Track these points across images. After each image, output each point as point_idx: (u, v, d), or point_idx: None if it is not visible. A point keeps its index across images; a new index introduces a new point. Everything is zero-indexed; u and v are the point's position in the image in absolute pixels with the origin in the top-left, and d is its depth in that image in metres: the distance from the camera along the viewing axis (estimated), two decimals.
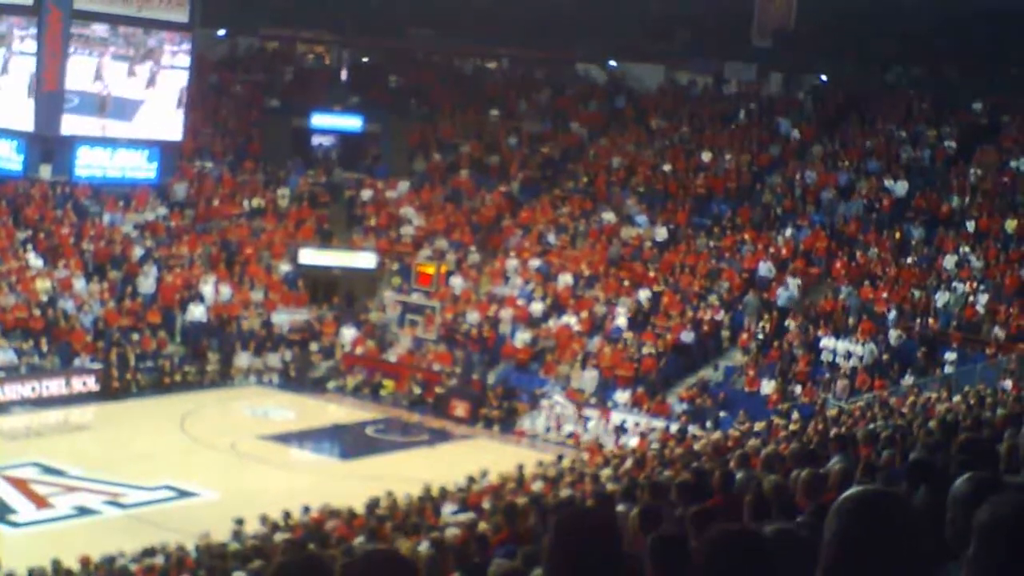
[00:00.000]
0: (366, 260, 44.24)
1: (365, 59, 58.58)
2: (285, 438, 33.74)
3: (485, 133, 51.45)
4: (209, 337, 39.84)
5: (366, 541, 17.04)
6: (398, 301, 41.55)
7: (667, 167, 46.56)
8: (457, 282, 42.48)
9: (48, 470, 28.85)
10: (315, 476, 30.05)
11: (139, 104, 27.78)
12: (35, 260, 40.17)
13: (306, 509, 21.83)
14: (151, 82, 27.68)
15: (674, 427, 30.38)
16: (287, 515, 21.28)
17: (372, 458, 32.38)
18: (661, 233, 42.92)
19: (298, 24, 55.38)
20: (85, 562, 19.39)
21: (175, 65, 28.11)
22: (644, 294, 39.75)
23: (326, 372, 39.92)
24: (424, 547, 16.61)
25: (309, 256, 43.89)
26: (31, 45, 25.99)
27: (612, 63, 54.22)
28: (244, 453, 31.63)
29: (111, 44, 27.03)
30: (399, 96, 54.13)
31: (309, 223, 46.23)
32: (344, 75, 55.49)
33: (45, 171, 30.18)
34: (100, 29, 26.82)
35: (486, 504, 19.76)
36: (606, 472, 19.91)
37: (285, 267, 43.86)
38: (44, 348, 36.51)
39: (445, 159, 50.23)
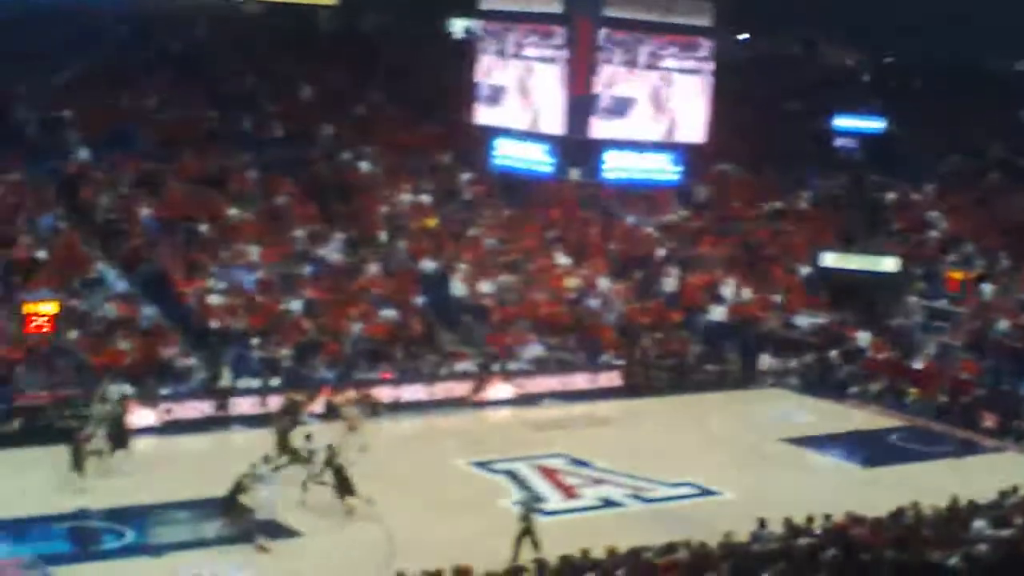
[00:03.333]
0: (889, 264, 43.10)
1: (888, 60, 57.17)
2: (805, 442, 33.33)
3: (1014, 134, 49.00)
4: (729, 338, 40.06)
5: (894, 551, 16.60)
6: (923, 306, 40.27)
7: None
8: (987, 288, 40.67)
9: (576, 462, 29.89)
10: (835, 482, 29.55)
11: (665, 107, 28.13)
12: (563, 259, 41.82)
13: (827, 516, 21.47)
14: (673, 86, 27.98)
15: None
16: (810, 519, 21.01)
17: (895, 467, 31.43)
18: None
19: (819, 27, 54.72)
20: (612, 553, 19.84)
21: (695, 69, 28.31)
22: None
23: (847, 377, 39.20)
24: (954, 561, 16.00)
25: (831, 259, 43.26)
26: (556, 52, 26.88)
27: None
28: (765, 455, 31.55)
29: (630, 48, 27.50)
30: (923, 97, 52.47)
31: (831, 226, 45.63)
32: (867, 76, 54.38)
33: (574, 173, 31.20)
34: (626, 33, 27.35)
35: (1020, 521, 18.81)
36: None
37: (806, 270, 43.48)
38: (572, 343, 37.95)
39: (973, 161, 48.22)
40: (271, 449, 26.61)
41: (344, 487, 25.10)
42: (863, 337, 40.39)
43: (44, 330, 30.34)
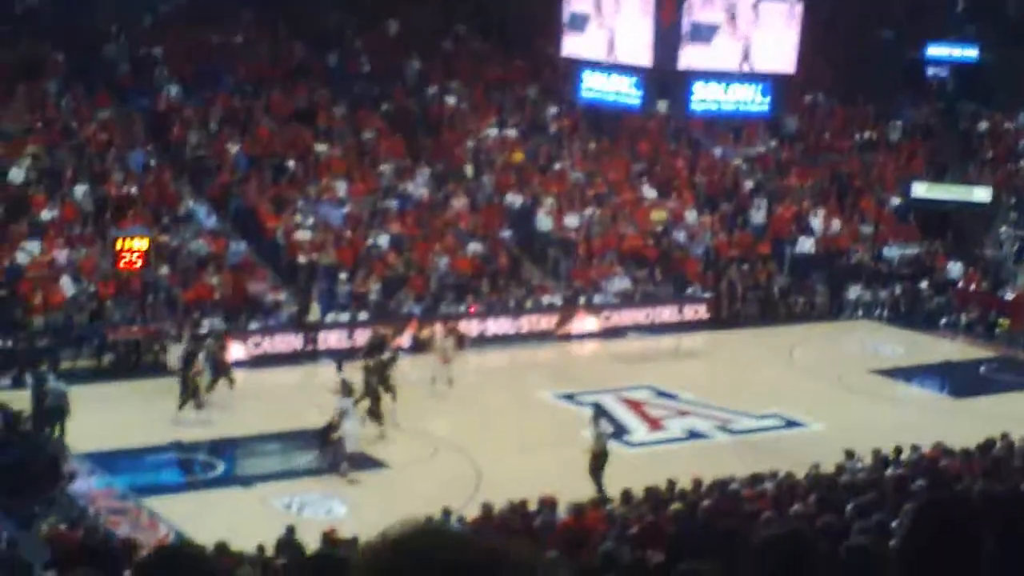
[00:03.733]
0: (980, 194, 42.37)
1: None
2: (894, 373, 33.05)
3: None
4: (817, 269, 39.70)
5: (984, 482, 16.42)
6: (1015, 236, 39.59)
7: None
8: None
9: (661, 394, 29.91)
10: (924, 413, 29.28)
11: (747, 38, 27.76)
12: (649, 192, 41.60)
13: (915, 447, 21.29)
14: (758, 11, 27.57)
15: None
16: (898, 451, 20.86)
17: (985, 398, 31.08)
18: None
19: None
20: (697, 483, 19.85)
21: None
22: None
23: (937, 308, 38.72)
24: None
25: (921, 190, 42.62)
26: None
27: None
28: (852, 386, 31.32)
29: None
30: (1017, 25, 51.26)
31: (921, 156, 44.94)
32: (960, 4, 53.18)
33: (662, 106, 30.91)
34: None
35: None
36: None
37: (896, 201, 42.90)
38: (658, 276, 37.85)
39: None
40: (362, 384, 26.77)
41: (376, 409, 25.64)
42: (954, 268, 39.87)
43: (135, 266, 30.74)
